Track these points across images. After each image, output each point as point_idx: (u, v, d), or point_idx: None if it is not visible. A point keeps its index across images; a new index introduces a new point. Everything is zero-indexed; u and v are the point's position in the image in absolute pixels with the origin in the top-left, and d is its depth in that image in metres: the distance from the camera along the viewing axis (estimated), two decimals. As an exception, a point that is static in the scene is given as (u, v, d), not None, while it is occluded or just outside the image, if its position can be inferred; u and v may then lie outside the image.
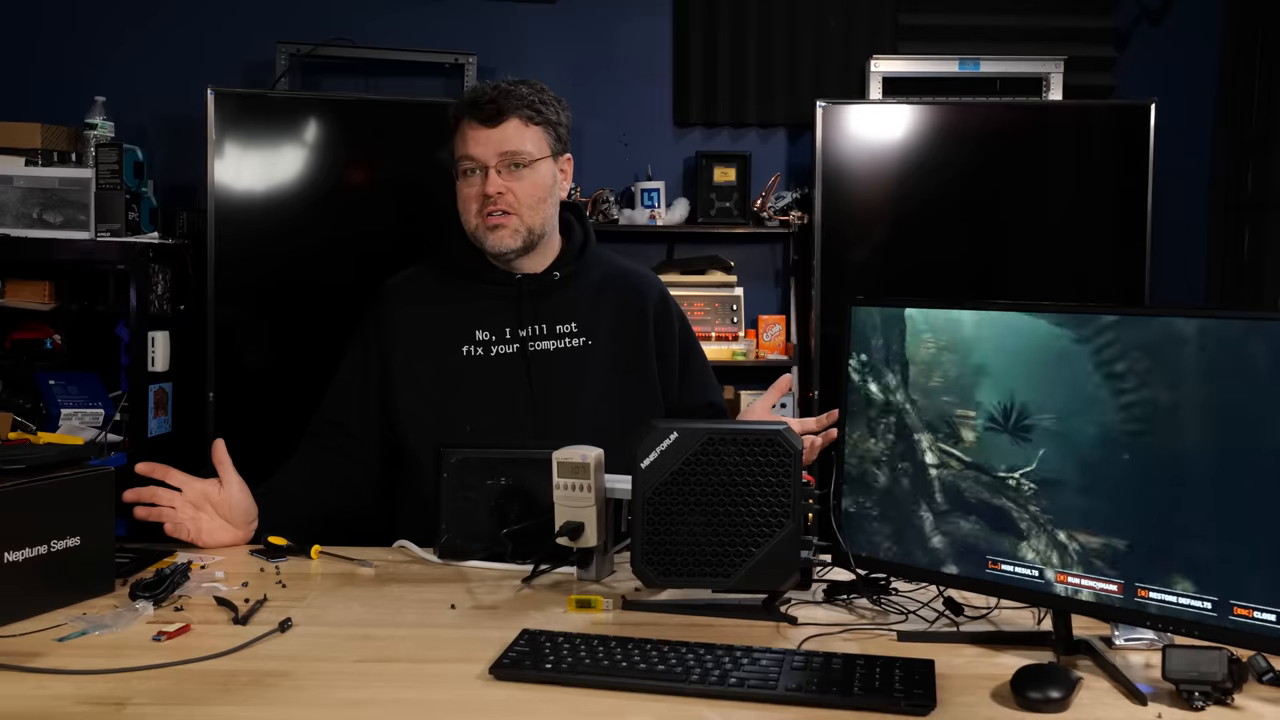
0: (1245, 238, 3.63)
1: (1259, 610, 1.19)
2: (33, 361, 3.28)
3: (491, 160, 1.93)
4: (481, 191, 1.93)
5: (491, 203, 1.93)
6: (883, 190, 3.46)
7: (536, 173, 1.96)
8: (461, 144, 1.96)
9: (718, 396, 2.13)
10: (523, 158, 1.94)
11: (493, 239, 1.95)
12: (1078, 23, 3.80)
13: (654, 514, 1.47)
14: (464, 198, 1.97)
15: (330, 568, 1.70)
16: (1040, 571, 1.35)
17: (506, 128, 1.94)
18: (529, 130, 1.96)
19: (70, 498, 1.47)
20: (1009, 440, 1.36)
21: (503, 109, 1.93)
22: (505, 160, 1.94)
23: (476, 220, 1.95)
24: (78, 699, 1.19)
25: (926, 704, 1.17)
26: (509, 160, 1.94)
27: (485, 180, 1.93)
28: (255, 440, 2.02)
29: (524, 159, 1.94)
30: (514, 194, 1.94)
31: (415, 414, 1.95)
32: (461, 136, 1.96)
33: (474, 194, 1.95)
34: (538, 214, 1.97)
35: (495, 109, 1.93)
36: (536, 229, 1.97)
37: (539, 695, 1.22)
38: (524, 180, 1.95)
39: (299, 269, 3.23)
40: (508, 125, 1.94)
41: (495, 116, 1.93)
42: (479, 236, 1.96)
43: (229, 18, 3.70)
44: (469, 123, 1.95)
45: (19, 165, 3.14)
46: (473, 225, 1.96)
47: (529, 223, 1.96)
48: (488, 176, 1.93)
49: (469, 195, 1.96)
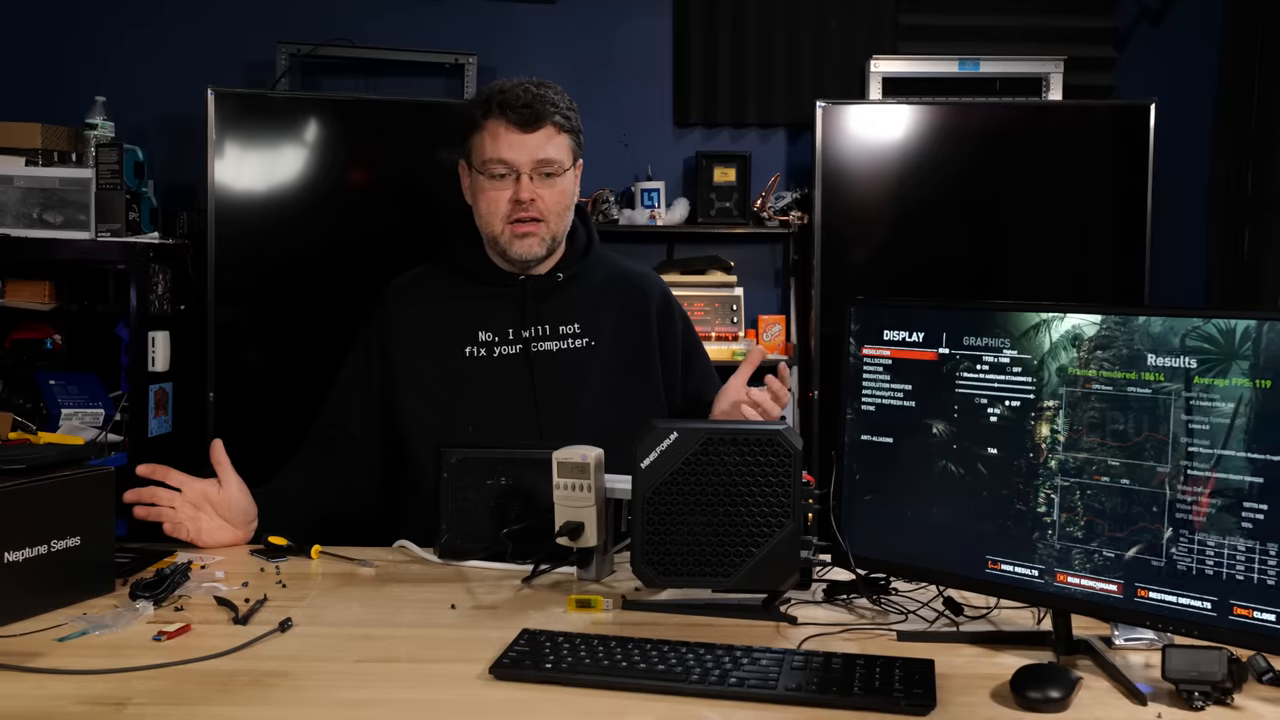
0: (1245, 238, 3.63)
1: (1259, 610, 1.19)
2: (33, 361, 3.28)
3: (526, 167, 1.90)
4: (514, 197, 1.90)
5: (523, 209, 1.90)
6: (883, 190, 3.46)
7: (565, 181, 1.94)
8: (493, 146, 1.91)
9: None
10: (555, 167, 1.92)
11: (521, 246, 1.92)
12: (1078, 23, 3.80)
13: (654, 514, 1.47)
14: (490, 200, 1.92)
15: (330, 568, 1.70)
16: (1040, 571, 1.35)
17: (542, 135, 1.90)
18: (559, 138, 1.93)
19: (70, 498, 1.47)
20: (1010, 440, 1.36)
21: (540, 115, 1.90)
22: (540, 168, 1.91)
23: (503, 225, 1.92)
24: (78, 699, 1.19)
25: (926, 704, 1.17)
26: (543, 168, 1.91)
27: (518, 186, 1.90)
28: (255, 440, 2.02)
29: (556, 168, 1.92)
30: (544, 201, 1.91)
31: (418, 415, 1.95)
32: (493, 137, 1.91)
33: (505, 198, 1.91)
34: (562, 222, 1.96)
35: (532, 114, 1.89)
36: (559, 237, 1.97)
37: (539, 695, 1.22)
38: (554, 188, 1.93)
39: (299, 269, 3.22)
40: (543, 132, 1.91)
41: (533, 122, 1.89)
42: (504, 242, 1.93)
43: (229, 18, 3.70)
44: (503, 125, 1.90)
45: (19, 165, 3.14)
46: (498, 230, 1.93)
47: (554, 230, 1.95)
48: (520, 182, 1.90)
49: (497, 198, 1.92)
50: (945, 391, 1.42)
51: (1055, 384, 1.34)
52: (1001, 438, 1.37)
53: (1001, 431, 1.37)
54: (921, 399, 1.44)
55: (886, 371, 1.47)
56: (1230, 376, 1.21)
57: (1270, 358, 1.19)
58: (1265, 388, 1.19)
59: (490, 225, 1.94)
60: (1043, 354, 1.35)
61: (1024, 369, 1.36)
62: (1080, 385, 1.32)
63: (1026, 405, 1.36)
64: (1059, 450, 1.33)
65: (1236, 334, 1.21)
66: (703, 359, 2.13)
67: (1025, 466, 1.35)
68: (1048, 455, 1.34)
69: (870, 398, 1.48)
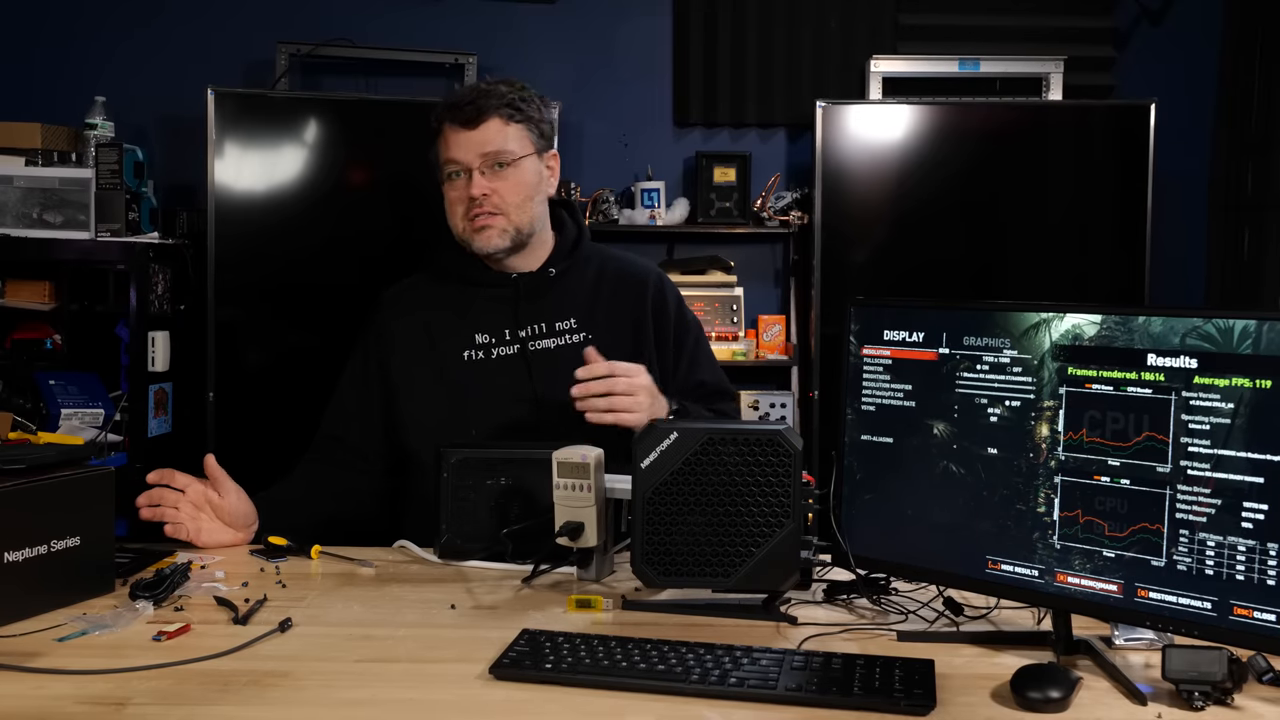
0: (1245, 238, 3.63)
1: (1259, 610, 1.19)
2: (33, 361, 3.28)
3: (474, 162, 1.93)
4: (466, 194, 1.93)
5: (477, 204, 1.93)
6: (883, 190, 3.46)
7: (521, 171, 1.96)
8: (444, 148, 1.96)
9: (709, 375, 2.08)
10: (505, 156, 1.94)
11: (480, 240, 1.95)
12: (1078, 23, 3.80)
13: (654, 514, 1.47)
14: (450, 201, 1.97)
15: (330, 568, 1.70)
16: (1040, 571, 1.35)
17: (487, 128, 1.93)
18: (510, 128, 1.95)
19: (70, 498, 1.47)
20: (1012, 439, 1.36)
21: (482, 109, 1.93)
22: (488, 160, 1.93)
23: (463, 223, 1.95)
24: (78, 699, 1.19)
25: (926, 704, 1.17)
26: (491, 160, 1.93)
27: (470, 182, 1.93)
28: (255, 441, 2.03)
29: (506, 158, 1.94)
30: (499, 194, 1.94)
31: (419, 422, 1.95)
32: (444, 141, 1.96)
33: (459, 197, 1.95)
34: (524, 212, 1.97)
35: (474, 110, 1.93)
36: (524, 227, 1.97)
37: (539, 695, 1.22)
38: (508, 179, 1.95)
39: (299, 269, 3.23)
40: (488, 126, 1.94)
41: (475, 118, 1.93)
42: (467, 239, 1.97)
43: (229, 18, 3.70)
44: (450, 126, 1.95)
45: (19, 165, 3.14)
46: (460, 228, 1.97)
47: (516, 221, 1.96)
48: (471, 178, 1.93)
49: (454, 199, 1.96)
50: (945, 391, 1.42)
51: (1055, 384, 1.34)
52: (1001, 438, 1.37)
53: (1001, 431, 1.37)
54: (921, 399, 1.44)
55: (887, 371, 1.47)
56: (1230, 376, 1.21)
57: (1270, 358, 1.19)
58: (1265, 388, 1.19)
59: (455, 225, 1.98)
60: (1043, 354, 1.35)
61: (1024, 369, 1.36)
62: (1080, 385, 1.32)
63: (1026, 405, 1.36)
64: (1059, 450, 1.33)
65: (1236, 334, 1.21)
66: (693, 340, 2.08)
67: (1025, 466, 1.35)
68: (1048, 455, 1.34)
69: (870, 398, 1.48)
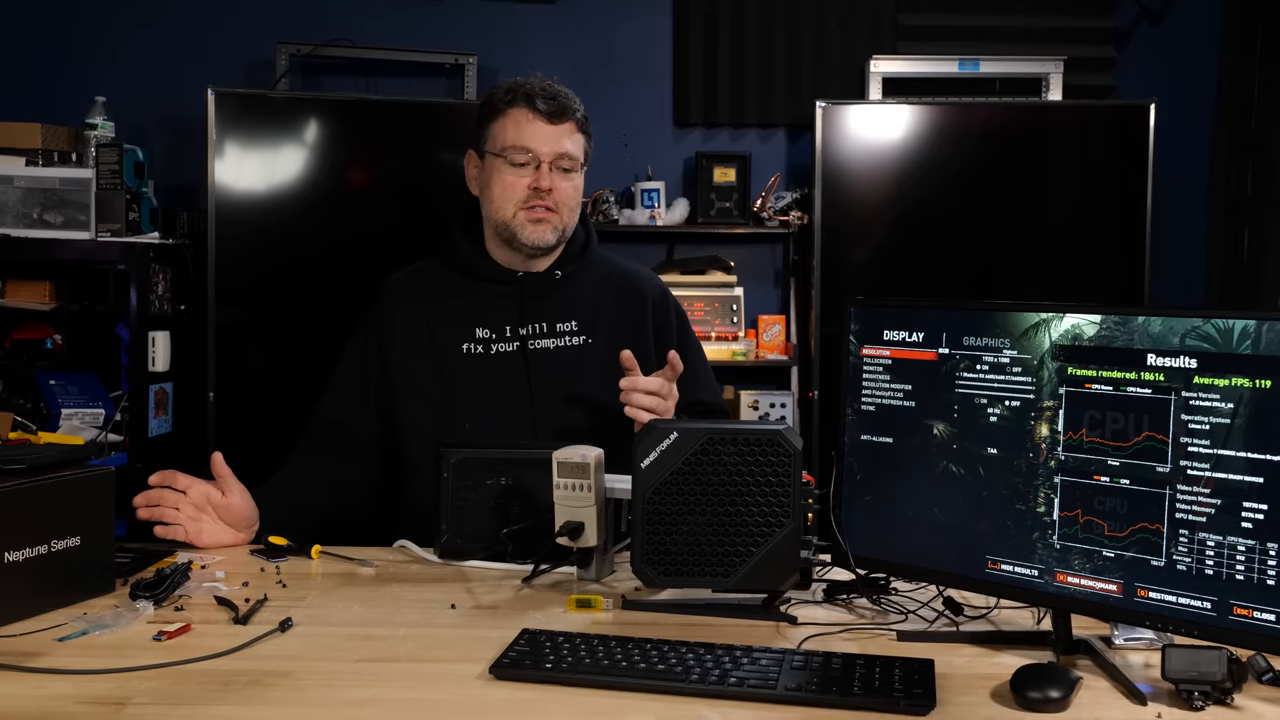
0: (1245, 238, 3.63)
1: (1258, 610, 1.19)
2: (33, 361, 3.28)
3: (548, 156, 1.93)
4: (532, 183, 1.93)
5: (539, 196, 1.93)
6: (883, 190, 3.46)
7: (578, 179, 1.99)
8: (515, 133, 1.93)
9: (708, 393, 2.10)
10: (573, 162, 1.96)
11: (533, 231, 1.94)
12: (1077, 23, 3.80)
13: (654, 514, 1.47)
14: (507, 185, 1.94)
15: (330, 568, 1.70)
16: (1040, 571, 1.35)
17: (566, 128, 1.95)
18: (578, 137, 1.98)
19: (70, 498, 1.47)
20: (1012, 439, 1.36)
21: (565, 109, 1.95)
22: (560, 160, 1.94)
23: (516, 210, 1.94)
24: (78, 699, 1.19)
25: (926, 704, 1.17)
26: (561, 161, 1.94)
27: (537, 174, 1.93)
28: (255, 440, 2.03)
29: (573, 164, 1.96)
30: (560, 193, 1.94)
31: (414, 413, 1.96)
32: (516, 125, 1.94)
33: (523, 184, 1.93)
34: (573, 217, 2.00)
35: (559, 107, 1.94)
36: (568, 231, 2.00)
37: (539, 695, 1.22)
38: (570, 183, 1.97)
39: (299, 269, 3.22)
40: (566, 126, 1.95)
41: (559, 115, 1.94)
42: (515, 226, 1.94)
43: (229, 18, 3.70)
44: (527, 113, 1.93)
45: (19, 165, 3.14)
46: (509, 213, 1.94)
47: (565, 223, 1.97)
48: (539, 170, 1.93)
49: (514, 184, 1.94)
50: (945, 391, 1.42)
51: (1055, 384, 1.34)
52: (1001, 438, 1.37)
53: (1001, 431, 1.37)
54: (921, 399, 1.44)
55: (886, 371, 1.47)
56: (1230, 376, 1.21)
57: (1270, 358, 1.19)
58: (1265, 388, 1.19)
59: (503, 209, 1.95)
60: (1042, 354, 1.35)
61: (1024, 369, 1.36)
62: (1080, 385, 1.32)
63: (1026, 405, 1.36)
64: (1059, 450, 1.33)
65: (1236, 334, 1.21)
66: (693, 357, 2.10)
67: (1025, 466, 1.35)
68: (1048, 455, 1.34)
69: (870, 398, 1.48)
